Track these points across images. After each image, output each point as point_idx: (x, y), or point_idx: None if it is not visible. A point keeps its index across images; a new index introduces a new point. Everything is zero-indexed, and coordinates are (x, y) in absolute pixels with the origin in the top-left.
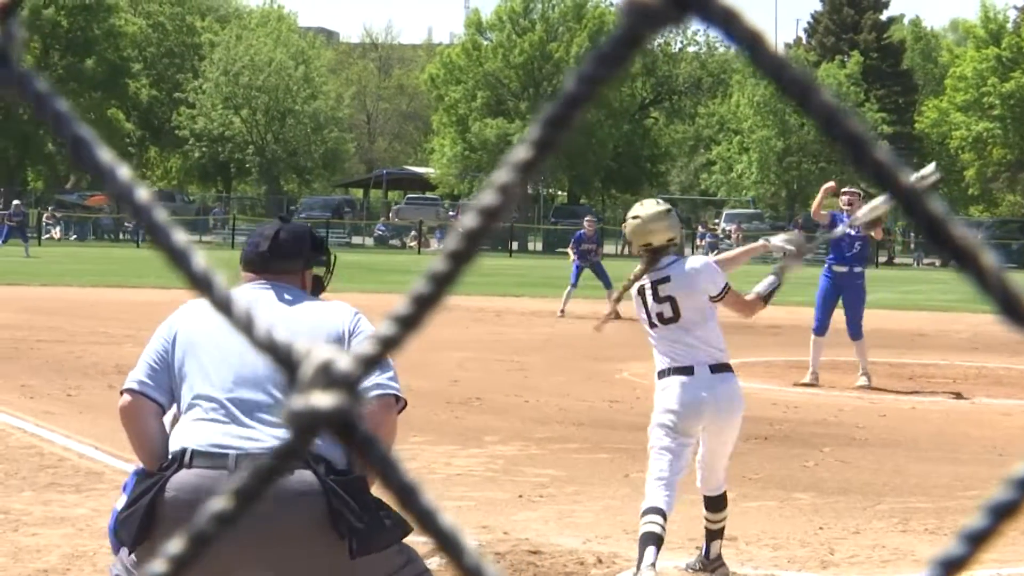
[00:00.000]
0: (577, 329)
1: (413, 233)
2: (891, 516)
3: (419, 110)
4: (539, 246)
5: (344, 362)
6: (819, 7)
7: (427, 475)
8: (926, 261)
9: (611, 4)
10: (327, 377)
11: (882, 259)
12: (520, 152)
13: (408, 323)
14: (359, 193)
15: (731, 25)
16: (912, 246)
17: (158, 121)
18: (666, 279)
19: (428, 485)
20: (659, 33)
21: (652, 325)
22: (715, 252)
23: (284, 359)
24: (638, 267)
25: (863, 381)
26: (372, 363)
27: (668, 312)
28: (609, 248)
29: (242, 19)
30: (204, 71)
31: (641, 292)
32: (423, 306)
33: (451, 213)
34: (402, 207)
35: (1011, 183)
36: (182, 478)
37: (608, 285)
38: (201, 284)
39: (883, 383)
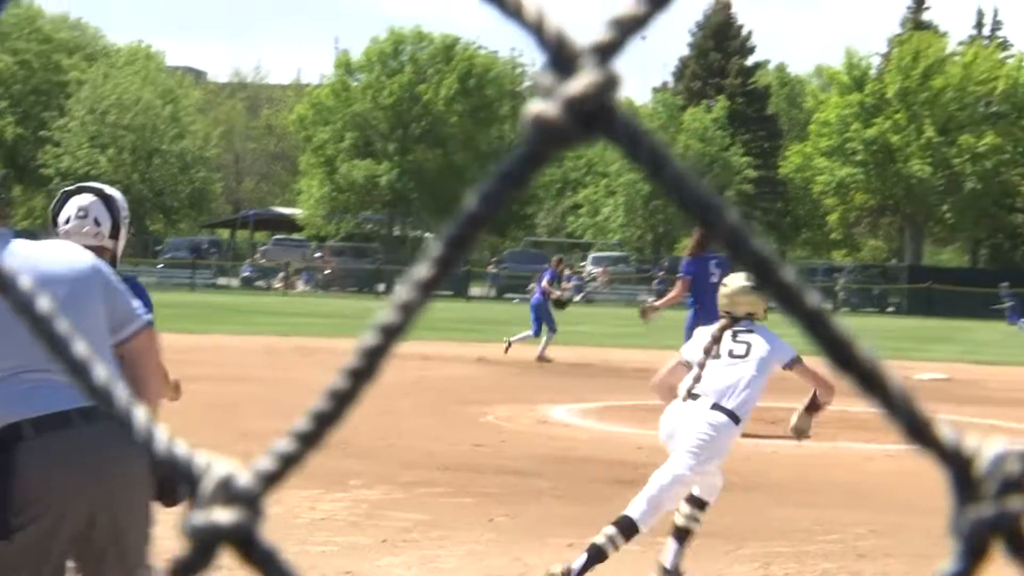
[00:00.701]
0: (446, 372)
1: (280, 275)
2: (752, 560)
3: (287, 150)
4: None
5: (244, 478)
6: (686, 51)
7: (291, 520)
8: None
9: (479, 47)
10: (227, 492)
11: None
12: (422, 271)
13: (309, 440)
14: (225, 234)
15: (636, 146)
16: None
17: (23, 159)
18: (749, 330)
19: (292, 530)
20: (562, 151)
21: (715, 358)
22: (581, 294)
23: (184, 472)
24: (718, 325)
25: None
26: (273, 480)
27: (740, 351)
28: (477, 290)
29: (110, 57)
30: (70, 109)
31: (716, 337)
32: (323, 424)
33: (317, 255)
34: (269, 248)
35: (873, 228)
36: (38, 451)
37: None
38: (102, 397)
39: (749, 428)
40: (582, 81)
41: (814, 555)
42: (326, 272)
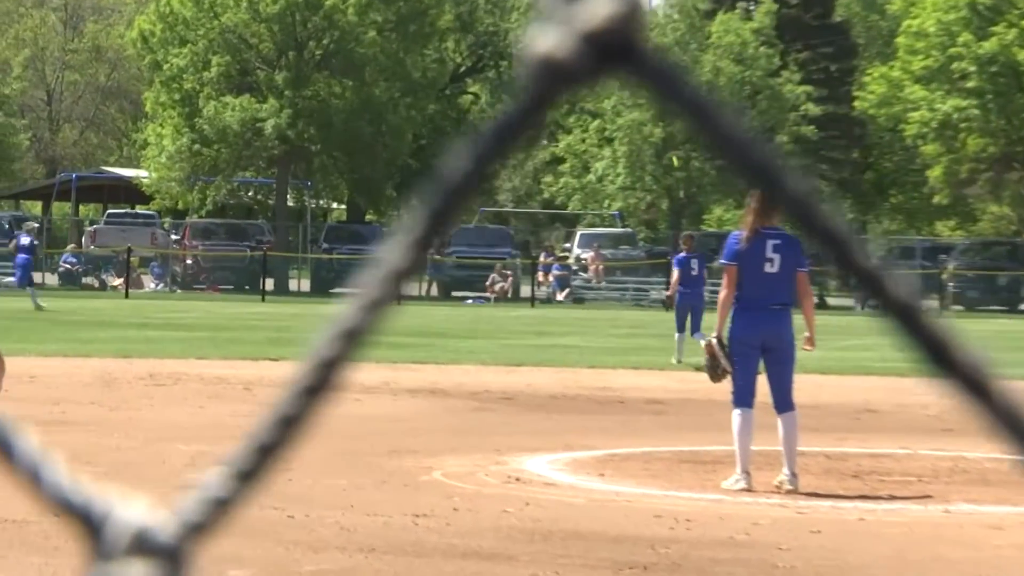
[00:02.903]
0: (371, 408)
1: (118, 267)
2: None
3: (125, 84)
4: (306, 285)
5: (165, 530)
6: None
7: None
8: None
9: None
10: (142, 546)
11: None
12: (394, 254)
13: (247, 477)
14: (36, 207)
15: (673, 90)
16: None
17: None
18: None
19: None
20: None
21: None
22: (565, 292)
23: (81, 517)
24: None
25: (786, 479)
26: (202, 529)
27: None
28: (412, 287)
29: None
30: None
31: None
32: (265, 456)
33: (174, 237)
34: (101, 228)
35: (994, 188)
36: None
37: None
38: None
39: (816, 482)
40: (601, 9)
41: None
42: (187, 262)
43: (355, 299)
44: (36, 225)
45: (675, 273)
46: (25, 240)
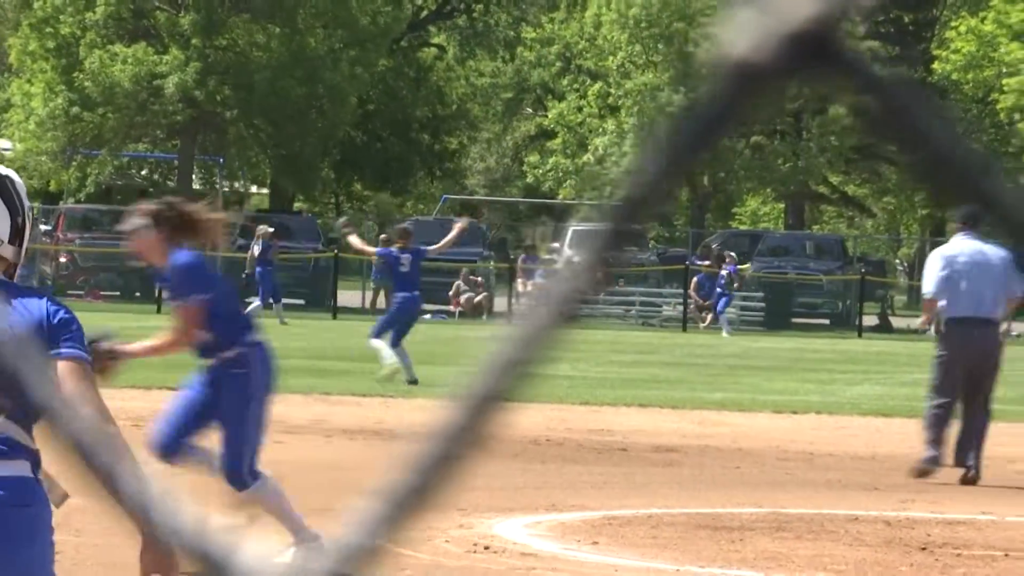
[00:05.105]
0: (292, 452)
1: None
2: None
3: None
4: None
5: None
6: None
7: None
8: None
9: None
10: None
11: (870, 320)
12: (571, 271)
13: (396, 522)
14: None
15: (876, 91)
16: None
17: None
18: None
19: None
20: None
21: None
22: None
23: (198, 556)
24: None
25: None
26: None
27: None
28: (350, 295)
29: None
30: None
31: None
32: (418, 499)
33: (44, 227)
34: None
35: None
36: None
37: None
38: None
39: (873, 556)
40: (804, 9)
41: None
42: (60, 260)
43: (523, 326)
44: None
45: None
46: None
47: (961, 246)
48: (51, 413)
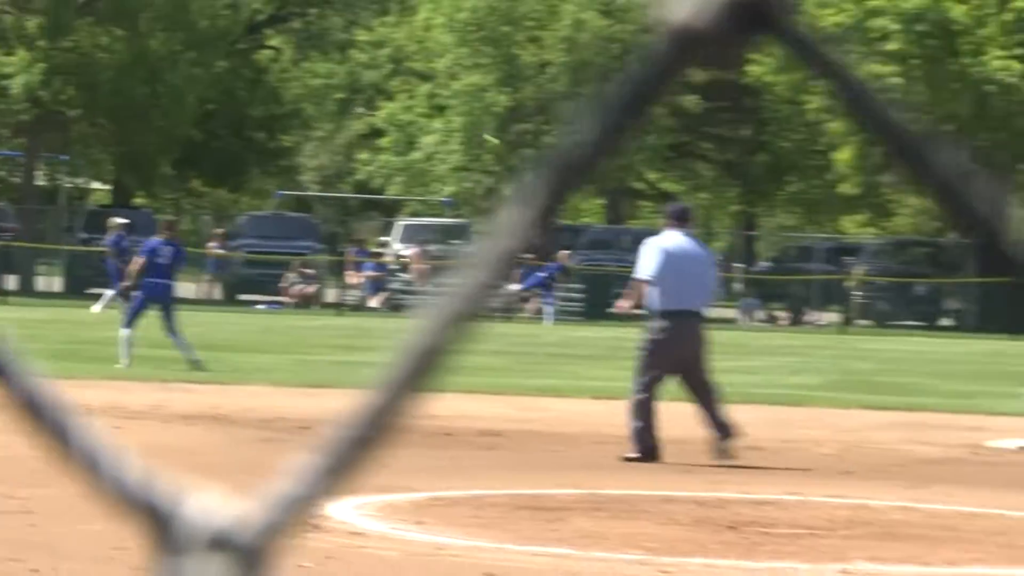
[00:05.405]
0: (130, 438)
1: None
2: None
3: None
4: (58, 283)
5: (246, 530)
6: None
7: None
8: (762, 315)
9: None
10: (221, 546)
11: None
12: (504, 229)
13: (334, 474)
14: None
15: (814, 56)
16: (739, 285)
17: None
18: None
19: None
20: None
21: None
22: (380, 297)
23: (144, 509)
24: None
25: None
26: (281, 528)
27: None
28: (191, 286)
29: None
30: None
31: None
32: (356, 451)
33: None
34: None
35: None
36: None
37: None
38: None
39: (685, 535)
40: None
41: None
42: None
43: (462, 280)
44: None
45: None
46: None
47: (675, 240)
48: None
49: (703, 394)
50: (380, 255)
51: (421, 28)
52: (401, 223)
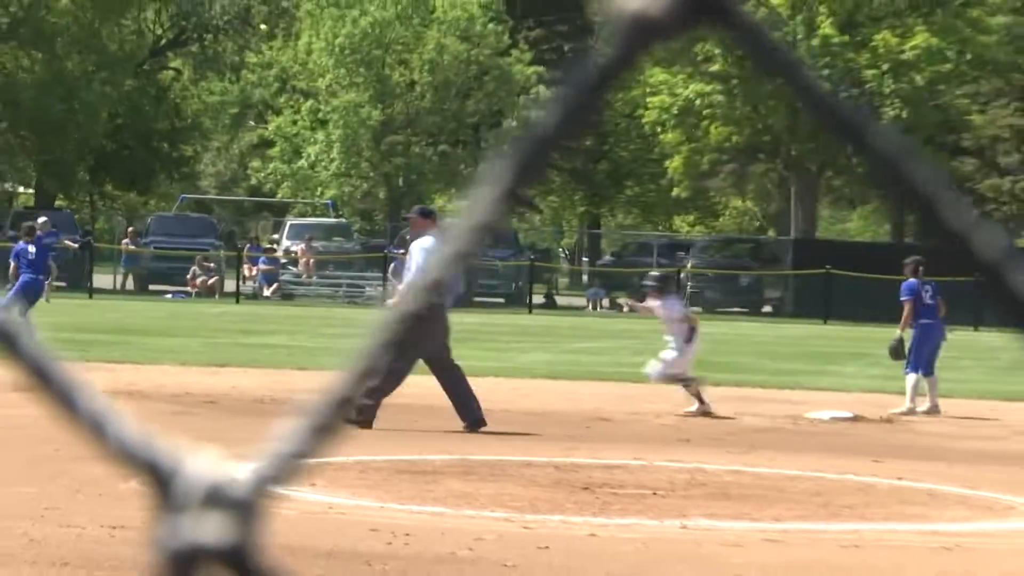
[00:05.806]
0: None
1: None
2: None
3: None
4: None
5: (239, 486)
6: None
7: None
8: (606, 303)
9: None
10: (217, 502)
11: (538, 299)
12: (478, 203)
13: (323, 431)
14: None
15: (760, 43)
16: (586, 276)
17: None
18: None
19: None
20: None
21: None
22: (273, 287)
23: (146, 469)
24: None
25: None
26: (274, 482)
27: None
28: (105, 279)
29: None
30: None
31: None
32: (342, 409)
33: None
34: None
35: (738, 180)
36: None
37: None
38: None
39: (544, 495)
40: None
41: None
42: None
43: (439, 250)
44: None
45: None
46: None
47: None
48: (9, 337)
49: (448, 378)
50: (272, 251)
51: (304, 51)
52: (289, 222)
